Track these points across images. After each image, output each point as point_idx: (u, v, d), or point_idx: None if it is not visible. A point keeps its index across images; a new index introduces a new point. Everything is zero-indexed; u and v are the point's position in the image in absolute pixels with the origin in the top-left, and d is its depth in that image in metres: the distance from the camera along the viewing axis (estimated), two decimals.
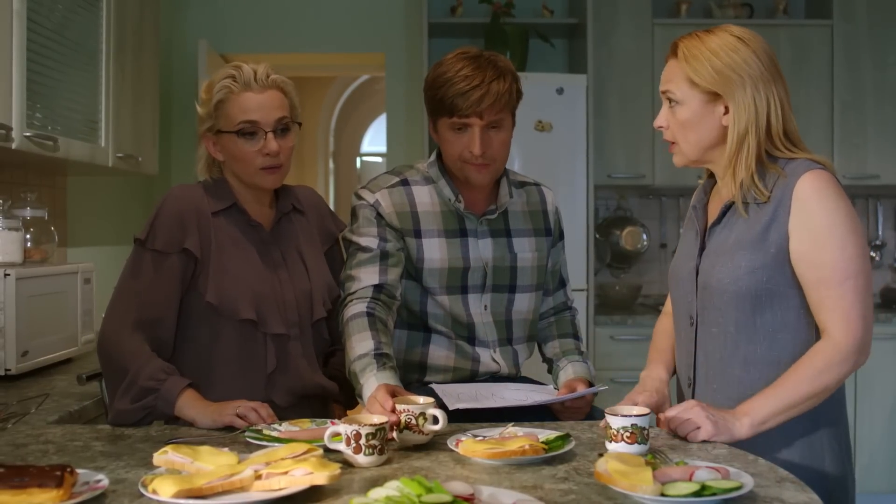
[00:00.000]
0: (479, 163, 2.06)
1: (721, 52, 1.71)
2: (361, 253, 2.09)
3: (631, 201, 4.89)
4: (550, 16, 4.67)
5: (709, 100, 1.73)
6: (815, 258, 1.65)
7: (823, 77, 4.54)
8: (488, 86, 2.01)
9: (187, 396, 1.83)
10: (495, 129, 2.06)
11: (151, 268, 1.92)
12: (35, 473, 1.25)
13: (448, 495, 1.20)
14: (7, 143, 2.38)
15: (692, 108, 1.75)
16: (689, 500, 1.26)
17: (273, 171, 1.98)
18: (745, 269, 1.70)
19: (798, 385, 1.63)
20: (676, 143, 1.80)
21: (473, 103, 2.01)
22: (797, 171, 1.68)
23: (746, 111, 1.70)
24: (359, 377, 1.89)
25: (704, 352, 1.80)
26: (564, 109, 4.22)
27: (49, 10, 2.63)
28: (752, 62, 1.70)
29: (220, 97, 1.95)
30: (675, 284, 1.90)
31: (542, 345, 2.31)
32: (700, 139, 1.77)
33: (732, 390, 1.75)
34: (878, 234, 4.95)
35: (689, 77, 1.74)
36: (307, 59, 5.07)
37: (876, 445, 4.28)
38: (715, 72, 1.71)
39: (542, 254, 2.24)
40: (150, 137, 3.55)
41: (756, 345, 1.73)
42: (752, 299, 1.71)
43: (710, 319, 1.78)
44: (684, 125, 1.77)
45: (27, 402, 2.13)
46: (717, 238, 1.79)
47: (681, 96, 1.76)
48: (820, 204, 1.65)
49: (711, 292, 1.76)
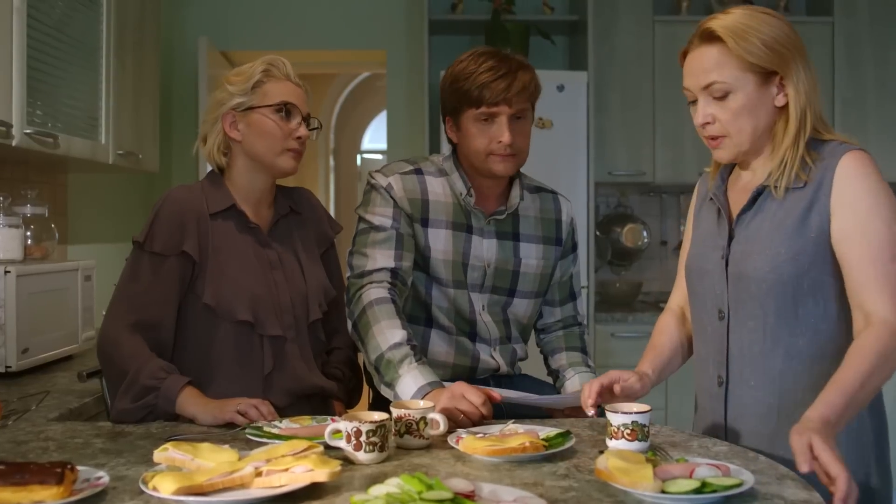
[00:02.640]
0: (507, 153, 2.05)
1: (766, 28, 1.63)
2: (375, 232, 2.07)
3: (631, 198, 4.89)
4: (551, 13, 4.67)
5: (762, 80, 1.64)
6: (859, 235, 1.57)
7: (824, 74, 4.53)
8: (515, 74, 2.03)
9: (188, 394, 1.83)
10: (520, 119, 2.07)
11: (150, 270, 1.92)
12: (36, 470, 1.25)
13: (449, 492, 1.20)
14: (7, 140, 2.38)
15: (748, 92, 1.63)
16: (690, 497, 1.26)
17: (296, 155, 2.03)
18: (785, 256, 1.62)
19: (862, 377, 1.49)
20: (727, 136, 1.67)
21: (502, 91, 2.01)
22: (836, 153, 1.62)
23: (804, 86, 1.62)
24: (396, 367, 1.86)
25: (739, 347, 1.69)
26: (565, 106, 4.22)
27: (49, 7, 2.63)
28: (793, 35, 1.64)
29: (260, 78, 2.00)
30: (697, 277, 1.79)
31: (548, 357, 2.30)
32: (757, 126, 1.66)
33: (774, 386, 1.66)
34: None
35: (741, 58, 1.62)
36: (308, 56, 5.07)
37: None
38: (767, 48, 1.61)
39: (549, 262, 2.22)
40: (150, 134, 3.55)
41: (798, 337, 1.64)
42: (794, 288, 1.62)
43: (745, 312, 1.67)
44: (740, 113, 1.64)
45: (28, 399, 2.13)
46: (750, 225, 1.69)
47: (733, 82, 1.63)
48: (863, 182, 1.59)
49: (748, 282, 1.66)
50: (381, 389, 1.92)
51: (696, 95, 1.69)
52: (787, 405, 1.65)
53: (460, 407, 1.73)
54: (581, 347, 2.29)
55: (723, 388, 1.73)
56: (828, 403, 1.46)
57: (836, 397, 1.47)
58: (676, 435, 1.69)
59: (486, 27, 4.43)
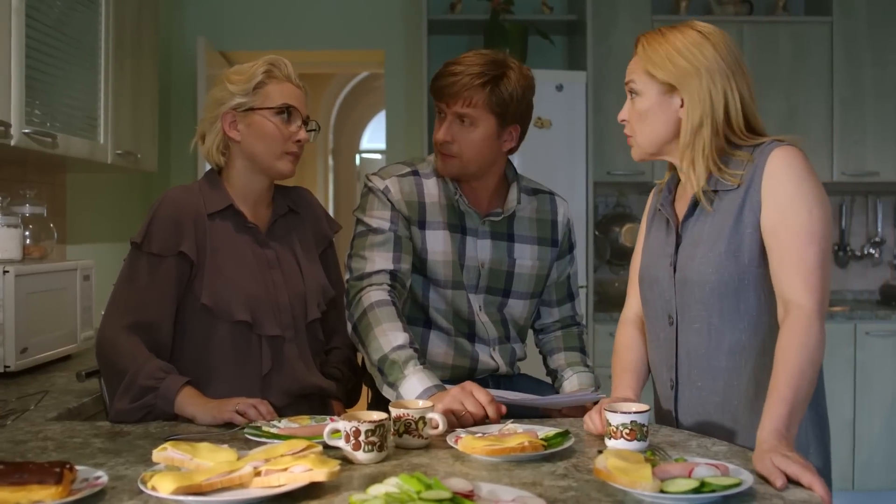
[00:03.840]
0: (443, 151, 2.06)
1: (680, 46, 1.72)
2: (373, 234, 2.07)
3: (630, 198, 4.89)
4: (550, 12, 4.67)
5: (665, 91, 1.74)
6: (781, 224, 1.63)
7: (823, 74, 4.54)
8: (461, 76, 2.02)
9: (186, 393, 1.83)
10: (467, 124, 2.04)
11: (147, 271, 1.92)
12: (34, 470, 1.25)
13: (447, 492, 1.20)
14: (6, 139, 2.37)
15: (650, 98, 1.75)
16: (689, 496, 1.26)
17: (295, 158, 2.02)
18: (725, 255, 1.68)
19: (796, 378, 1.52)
20: (633, 135, 1.81)
21: (440, 88, 2.05)
22: (766, 151, 1.68)
23: (701, 103, 1.70)
24: (402, 367, 1.86)
25: (686, 350, 1.76)
26: (564, 106, 4.22)
27: (48, 7, 2.62)
28: (710, 56, 1.71)
29: (262, 79, 1.99)
30: (648, 286, 1.85)
31: (546, 357, 2.30)
32: (655, 131, 1.77)
33: (717, 383, 1.72)
34: (877, 231, 4.95)
35: (646, 69, 1.75)
36: (306, 56, 5.07)
37: (875, 442, 4.29)
38: (672, 64, 1.72)
39: (544, 263, 2.22)
40: (149, 134, 3.54)
41: (741, 332, 1.70)
42: (737, 284, 1.68)
43: (691, 315, 1.74)
44: (642, 117, 1.77)
45: (26, 398, 2.13)
46: (692, 231, 1.76)
47: (641, 87, 1.76)
48: (788, 173, 1.64)
49: (692, 286, 1.73)
50: (382, 390, 1.91)
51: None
52: (731, 402, 1.72)
53: (467, 403, 1.73)
54: (580, 347, 2.29)
55: (673, 393, 1.79)
56: (773, 417, 1.49)
57: (778, 407, 1.50)
58: (675, 434, 1.69)
59: (485, 27, 4.43)
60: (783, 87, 4.52)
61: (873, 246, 4.94)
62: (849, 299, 4.88)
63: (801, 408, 1.53)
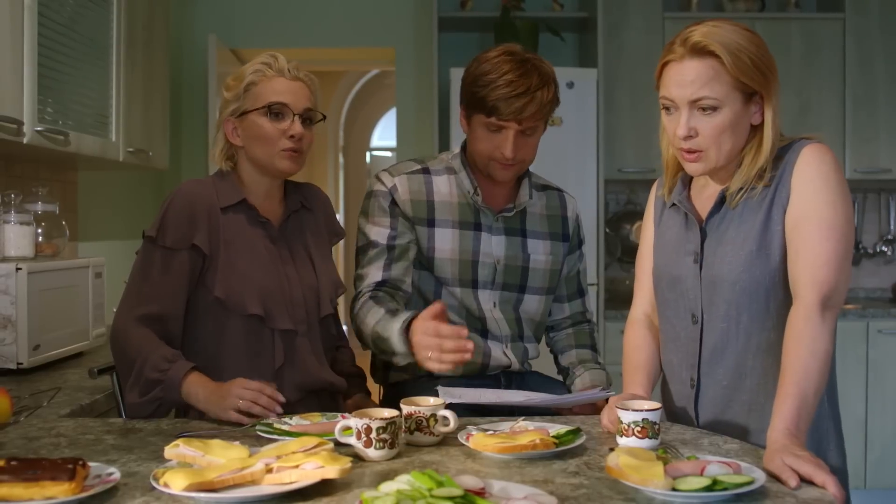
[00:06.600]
0: (508, 163, 2.06)
1: (754, 48, 1.63)
2: (371, 249, 2.12)
3: (641, 196, 4.88)
4: (560, 10, 4.66)
5: (746, 99, 1.64)
6: (804, 219, 1.60)
7: (835, 71, 4.52)
8: (533, 94, 2.00)
9: (191, 380, 1.81)
10: (528, 135, 2.06)
11: (161, 264, 1.92)
12: (47, 466, 1.26)
13: (459, 489, 1.20)
14: (18, 137, 2.38)
15: (735, 110, 1.63)
16: (701, 494, 1.25)
17: (293, 155, 1.98)
18: (756, 254, 1.65)
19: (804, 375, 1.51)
20: (706, 150, 1.66)
21: (516, 111, 2.00)
22: (796, 149, 1.66)
23: (779, 106, 1.65)
24: (381, 333, 1.94)
25: (711, 349, 1.73)
26: (575, 104, 4.21)
27: (60, 5, 2.63)
28: (772, 57, 1.65)
29: (251, 80, 1.98)
30: (668, 285, 1.80)
31: (557, 355, 2.31)
32: (737, 145, 1.67)
33: (746, 381, 1.70)
34: (889, 229, 4.93)
35: (735, 77, 1.61)
36: (317, 54, 5.08)
37: (888, 440, 4.26)
38: (756, 69, 1.62)
39: (557, 258, 2.24)
40: (160, 132, 3.55)
41: (769, 331, 1.67)
42: (768, 282, 1.65)
43: (718, 314, 1.71)
44: (723, 130, 1.64)
45: (39, 395, 2.14)
46: (720, 227, 1.72)
47: (723, 99, 1.62)
48: (815, 169, 1.62)
49: (721, 284, 1.69)
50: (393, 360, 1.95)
51: (677, 106, 1.66)
52: (758, 400, 1.70)
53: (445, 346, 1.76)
54: (591, 345, 2.29)
55: (694, 391, 1.76)
56: (782, 415, 1.48)
57: (785, 405, 1.49)
58: (687, 432, 1.68)
59: (496, 24, 4.42)
60: (795, 84, 4.50)
61: (886, 243, 4.91)
62: (861, 297, 4.86)
63: (812, 402, 1.51)
